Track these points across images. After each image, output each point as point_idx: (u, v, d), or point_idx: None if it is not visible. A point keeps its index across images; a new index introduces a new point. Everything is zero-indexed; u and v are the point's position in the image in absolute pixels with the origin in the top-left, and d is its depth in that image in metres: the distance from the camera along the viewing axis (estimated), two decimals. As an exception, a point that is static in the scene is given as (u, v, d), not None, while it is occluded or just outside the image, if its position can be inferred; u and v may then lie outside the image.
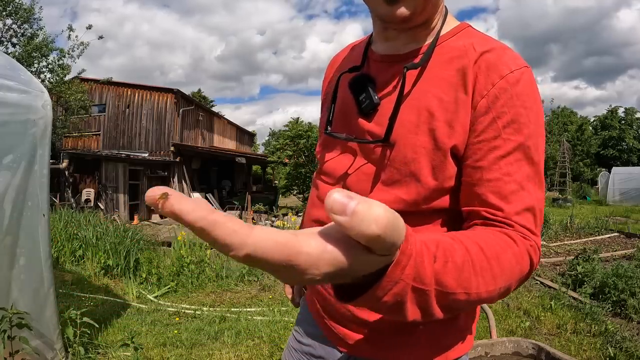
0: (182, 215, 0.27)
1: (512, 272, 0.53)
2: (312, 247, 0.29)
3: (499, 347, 1.90)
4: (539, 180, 0.62)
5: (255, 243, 0.28)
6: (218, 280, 5.08)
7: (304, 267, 0.29)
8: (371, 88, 0.73)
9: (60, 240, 5.85)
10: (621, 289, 3.94)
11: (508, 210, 0.59)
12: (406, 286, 0.38)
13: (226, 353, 3.06)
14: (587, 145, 31.42)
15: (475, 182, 0.63)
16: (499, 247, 0.53)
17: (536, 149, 0.62)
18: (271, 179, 31.43)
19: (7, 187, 2.11)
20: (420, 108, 0.67)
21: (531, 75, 0.65)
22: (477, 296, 0.47)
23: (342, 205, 0.28)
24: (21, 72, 2.28)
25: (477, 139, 0.63)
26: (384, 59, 0.76)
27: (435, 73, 0.69)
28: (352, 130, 0.76)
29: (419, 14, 0.67)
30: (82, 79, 14.78)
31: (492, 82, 0.63)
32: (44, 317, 2.34)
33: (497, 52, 0.66)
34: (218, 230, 0.27)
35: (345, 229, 0.28)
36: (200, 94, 38.20)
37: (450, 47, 0.70)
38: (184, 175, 16.95)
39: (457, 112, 0.65)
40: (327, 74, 0.95)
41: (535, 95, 0.65)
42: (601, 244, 7.32)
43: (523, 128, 0.61)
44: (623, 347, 2.97)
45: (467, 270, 0.46)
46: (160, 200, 0.26)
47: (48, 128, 2.29)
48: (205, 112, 21.27)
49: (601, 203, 18.22)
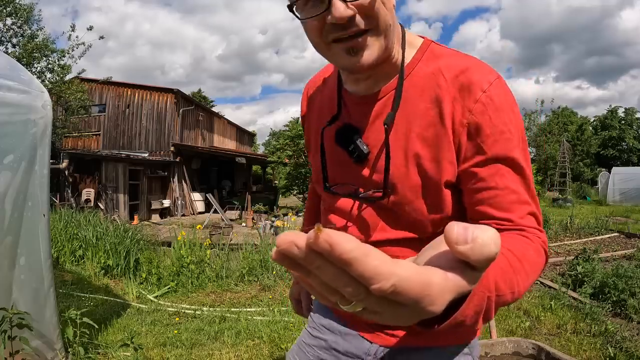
0: (337, 245, 0.26)
1: (537, 266, 0.60)
2: (438, 277, 0.30)
3: (499, 347, 1.90)
4: (530, 184, 0.68)
5: (401, 273, 0.28)
6: (218, 280, 5.08)
7: (435, 297, 0.30)
8: (357, 140, 0.76)
9: (60, 240, 5.85)
10: (621, 289, 3.93)
11: (514, 218, 0.65)
12: (483, 296, 0.44)
13: (226, 353, 3.06)
14: (587, 145, 31.40)
15: (476, 202, 0.68)
16: (523, 247, 0.60)
17: (522, 156, 0.67)
18: (271, 179, 31.43)
19: (7, 187, 2.11)
20: (407, 150, 0.72)
21: (503, 85, 0.68)
22: (519, 293, 0.53)
23: (464, 236, 0.30)
24: (21, 72, 2.28)
25: (467, 164, 0.68)
26: (360, 102, 0.78)
27: (412, 109, 0.72)
28: (350, 178, 0.80)
29: (382, 56, 0.68)
30: (82, 79, 14.76)
31: (469, 108, 0.66)
32: (44, 317, 2.34)
33: (466, 74, 0.68)
34: (369, 259, 0.27)
35: (468, 256, 0.30)
36: (201, 94, 38.19)
37: (420, 77, 0.72)
38: (184, 175, 16.95)
39: (440, 147, 0.69)
40: (304, 103, 0.96)
41: (511, 105, 0.68)
42: (601, 244, 7.32)
43: (506, 142, 0.66)
44: (623, 347, 2.97)
45: (509, 272, 0.52)
46: (316, 232, 0.26)
47: (48, 128, 2.29)
48: (205, 112, 21.27)
49: (601, 203, 18.21)
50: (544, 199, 18.86)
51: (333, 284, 0.28)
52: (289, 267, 0.28)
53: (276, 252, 0.27)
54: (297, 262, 0.27)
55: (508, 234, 0.64)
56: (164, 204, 15.94)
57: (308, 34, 0.69)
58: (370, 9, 0.64)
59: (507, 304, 0.52)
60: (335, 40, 0.66)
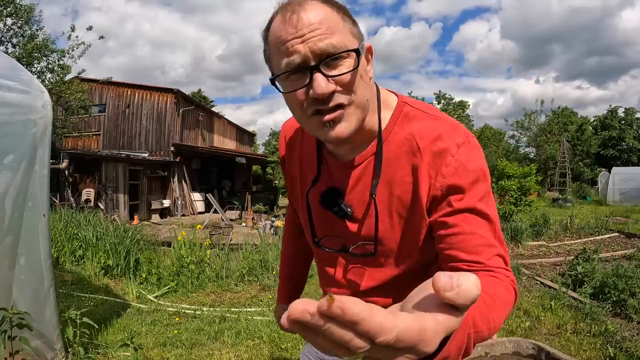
0: (348, 309, 0.29)
1: (508, 303, 0.65)
2: (431, 322, 0.33)
3: (499, 347, 1.90)
4: (498, 231, 0.74)
5: (401, 324, 0.31)
6: (218, 280, 5.08)
7: (429, 340, 0.33)
8: (341, 203, 0.83)
9: (60, 240, 5.86)
10: (621, 289, 3.94)
11: (482, 260, 0.70)
12: (464, 333, 0.48)
13: (226, 353, 3.06)
14: (587, 145, 31.38)
15: (446, 247, 0.73)
16: (494, 287, 0.64)
17: (486, 206, 0.73)
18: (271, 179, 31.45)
19: (7, 187, 2.11)
20: (391, 210, 0.80)
21: (469, 146, 0.75)
22: (495, 328, 0.58)
23: (450, 284, 0.33)
24: (21, 72, 2.28)
25: (437, 215, 0.75)
26: (341, 166, 0.84)
27: (391, 175, 0.79)
28: (337, 231, 0.88)
29: (357, 128, 0.73)
30: (82, 79, 14.76)
31: (442, 173, 0.74)
32: (44, 317, 2.34)
33: (438, 142, 0.75)
34: (374, 317, 0.30)
35: (454, 300, 0.33)
36: (201, 94, 38.17)
37: (396, 142, 0.79)
38: (184, 175, 16.95)
39: (416, 209, 0.77)
40: (282, 146, 1.00)
41: (477, 162, 0.75)
42: (601, 244, 7.32)
43: (473, 197, 0.72)
44: (623, 347, 2.97)
45: (484, 311, 0.56)
46: (330, 302, 0.29)
47: (48, 128, 2.29)
48: (205, 112, 21.26)
49: (601, 203, 18.21)
50: (544, 199, 18.86)
51: (340, 341, 0.31)
52: (300, 331, 0.31)
53: (290, 321, 0.30)
54: (308, 327, 0.30)
55: (480, 275, 0.67)
56: (164, 204, 15.94)
57: (290, 105, 0.74)
58: (350, 85, 0.68)
59: (484, 339, 0.56)
60: (315, 113, 0.70)
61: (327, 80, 0.67)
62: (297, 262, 1.21)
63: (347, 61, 0.68)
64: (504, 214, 8.44)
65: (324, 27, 0.66)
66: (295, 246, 1.19)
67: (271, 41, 0.70)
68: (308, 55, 0.66)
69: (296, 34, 0.66)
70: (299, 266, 1.21)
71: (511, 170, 8.88)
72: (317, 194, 0.87)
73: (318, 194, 0.87)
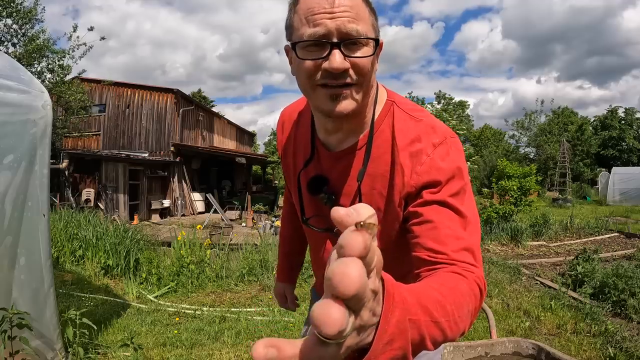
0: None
1: (469, 297, 0.62)
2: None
3: (499, 347, 1.90)
4: (470, 226, 0.74)
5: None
6: (218, 280, 5.08)
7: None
8: (326, 191, 0.89)
9: (60, 240, 5.85)
10: (621, 289, 3.94)
11: (446, 250, 0.69)
12: (403, 313, 0.43)
13: (226, 353, 3.06)
14: (587, 145, 31.36)
15: (416, 235, 0.75)
16: (453, 281, 0.63)
17: (461, 202, 0.75)
18: (271, 179, 31.46)
19: (7, 187, 2.11)
20: (371, 203, 0.81)
21: (446, 146, 0.79)
22: (456, 323, 0.54)
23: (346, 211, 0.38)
24: (21, 72, 2.28)
25: (412, 208, 0.78)
26: (330, 156, 0.89)
27: (375, 169, 0.83)
28: (323, 213, 0.93)
29: (357, 109, 0.77)
30: (82, 79, 14.76)
31: (416, 172, 0.78)
32: (44, 317, 2.34)
33: (416, 143, 0.79)
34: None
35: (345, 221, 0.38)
36: (201, 94, 38.14)
37: (382, 140, 0.83)
38: (184, 175, 16.95)
39: (392, 203, 0.82)
40: (279, 131, 1.06)
41: (454, 161, 0.77)
42: (601, 244, 7.33)
43: (445, 191, 0.75)
44: (623, 347, 2.97)
45: (439, 299, 0.53)
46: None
47: (48, 128, 2.29)
48: (205, 112, 21.26)
49: (601, 203, 18.22)
50: (544, 199, 18.86)
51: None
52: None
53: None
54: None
55: (437, 272, 0.67)
56: (164, 204, 15.93)
57: (299, 72, 0.77)
58: (363, 67, 0.73)
59: (445, 333, 0.52)
60: (322, 85, 0.74)
61: (344, 58, 0.71)
62: (295, 240, 1.30)
63: (365, 49, 0.73)
64: (504, 214, 8.44)
65: (354, 12, 0.71)
66: (292, 226, 1.27)
67: (300, 9, 0.73)
68: (333, 32, 0.70)
69: (328, 10, 0.70)
70: (296, 244, 1.31)
71: (511, 170, 8.87)
72: (307, 178, 0.92)
73: (307, 179, 0.92)
